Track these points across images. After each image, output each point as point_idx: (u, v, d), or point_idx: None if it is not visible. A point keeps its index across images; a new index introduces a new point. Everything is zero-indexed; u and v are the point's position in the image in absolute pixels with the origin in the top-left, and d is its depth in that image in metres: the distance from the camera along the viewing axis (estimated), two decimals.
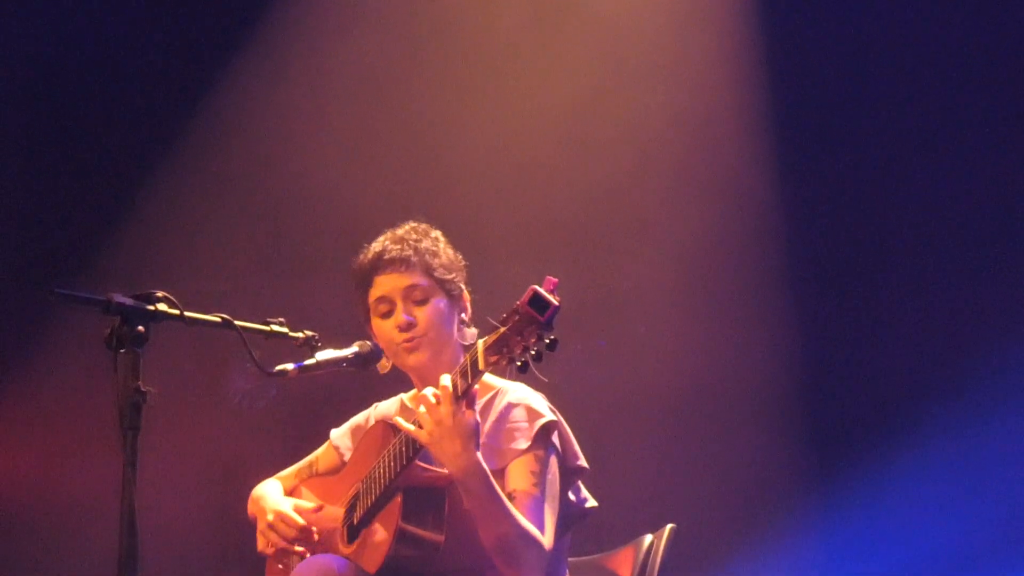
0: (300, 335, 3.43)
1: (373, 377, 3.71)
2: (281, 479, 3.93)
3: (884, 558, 5.48)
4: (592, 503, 3.64)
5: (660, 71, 5.76)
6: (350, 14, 5.89)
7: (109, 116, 5.97)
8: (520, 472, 3.47)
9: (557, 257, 5.60)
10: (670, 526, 3.80)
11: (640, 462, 5.64)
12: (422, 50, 5.88)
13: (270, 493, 3.82)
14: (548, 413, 3.55)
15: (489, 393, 3.62)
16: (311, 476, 3.90)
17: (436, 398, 3.28)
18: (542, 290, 3.09)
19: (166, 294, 3.09)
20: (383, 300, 3.66)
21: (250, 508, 3.88)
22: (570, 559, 3.71)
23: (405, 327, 3.62)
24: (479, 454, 3.29)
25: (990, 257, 5.58)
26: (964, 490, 5.43)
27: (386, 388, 3.90)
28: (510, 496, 3.42)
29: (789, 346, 5.68)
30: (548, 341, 3.09)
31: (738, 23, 5.72)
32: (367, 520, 3.51)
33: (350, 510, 3.62)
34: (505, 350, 3.13)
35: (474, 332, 3.63)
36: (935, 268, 5.60)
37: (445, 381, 3.28)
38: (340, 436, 3.91)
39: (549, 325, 3.08)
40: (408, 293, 3.64)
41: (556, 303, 3.08)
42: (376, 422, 3.75)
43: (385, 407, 3.88)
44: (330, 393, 5.00)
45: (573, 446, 3.59)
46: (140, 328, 2.98)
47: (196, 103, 5.91)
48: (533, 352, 3.09)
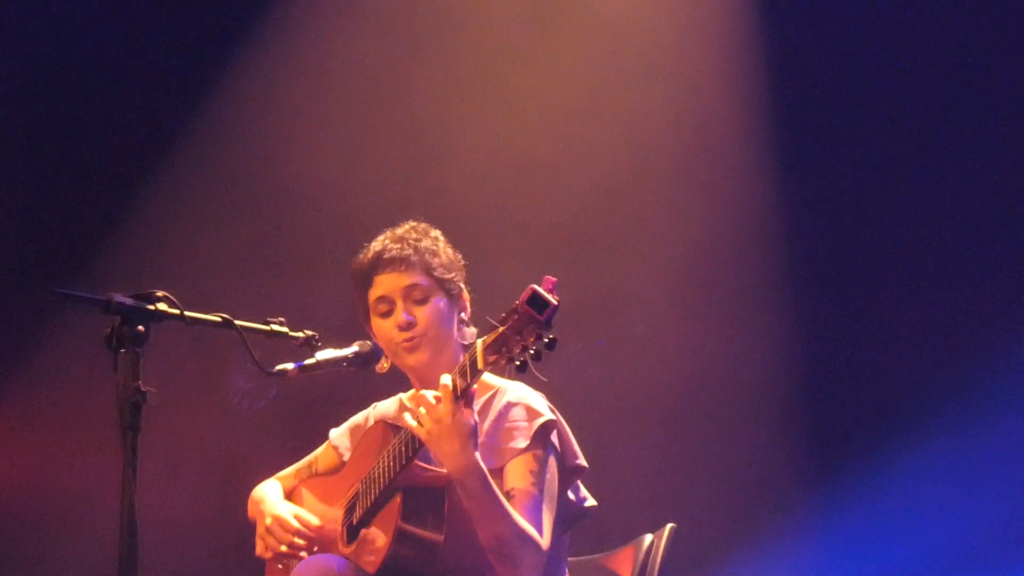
0: (300, 335, 3.43)
1: (372, 377, 3.71)
2: (280, 479, 3.92)
3: (884, 558, 5.48)
4: (591, 502, 3.64)
5: (660, 71, 5.76)
6: (350, 14, 5.89)
7: (109, 116, 5.98)
8: (519, 471, 3.47)
9: (557, 257, 5.60)
10: (670, 526, 3.80)
11: (640, 462, 5.64)
12: (422, 50, 5.89)
13: (270, 496, 3.81)
14: (547, 412, 3.55)
15: (488, 392, 3.61)
16: (310, 476, 3.90)
17: (436, 398, 3.28)
18: (541, 289, 3.09)
19: (166, 294, 3.08)
20: (383, 299, 3.66)
21: (250, 510, 3.87)
22: (570, 559, 3.71)
23: (405, 326, 3.61)
24: (477, 454, 3.29)
25: (990, 257, 5.58)
26: (964, 490, 5.43)
27: (385, 388, 3.90)
28: (508, 495, 3.42)
29: (789, 346, 5.67)
30: (547, 340, 3.09)
31: (738, 23, 5.73)
32: (366, 520, 3.51)
33: (349, 510, 3.62)
34: (504, 349, 3.12)
35: (474, 332, 3.63)
36: (935, 268, 5.60)
37: (445, 380, 3.28)
38: (339, 436, 3.90)
39: (548, 324, 3.08)
40: (408, 292, 3.64)
41: (555, 302, 3.07)
42: (375, 422, 3.75)
43: (384, 407, 3.88)
44: (330, 393, 5.00)
45: (572, 445, 3.59)
46: (140, 328, 2.98)
47: (196, 103, 5.91)
48: (532, 351, 3.09)
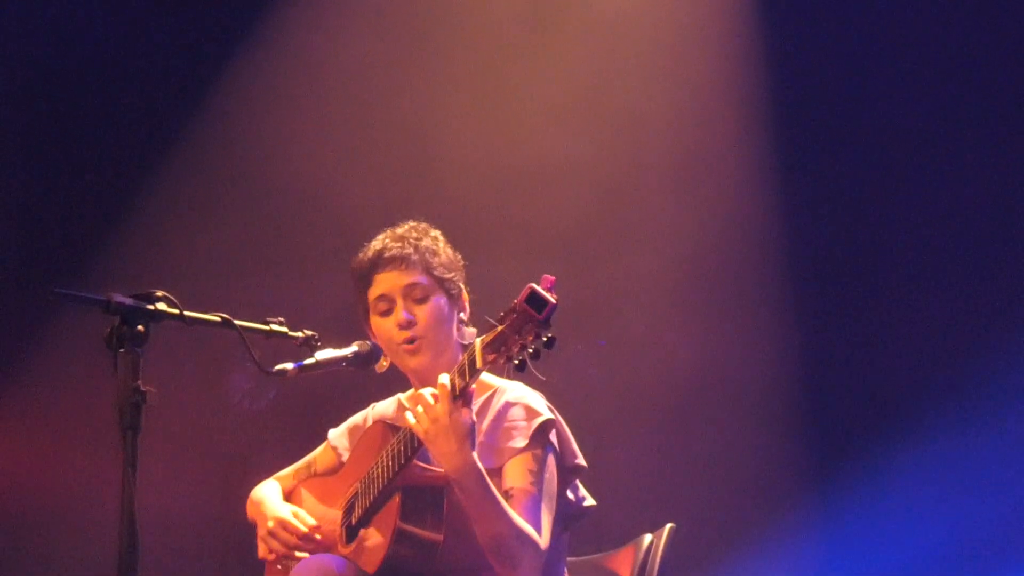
0: (300, 335, 3.43)
1: (372, 377, 3.71)
2: (279, 480, 3.92)
3: (884, 558, 5.48)
4: (590, 502, 3.64)
5: (660, 71, 5.75)
6: (349, 13, 5.89)
7: (109, 116, 5.97)
8: (517, 470, 3.47)
9: (557, 257, 5.59)
10: (670, 526, 3.80)
11: (640, 462, 5.63)
12: (421, 49, 5.88)
13: (269, 497, 3.81)
14: (546, 412, 3.55)
15: (487, 392, 3.61)
16: (309, 477, 3.90)
17: (433, 396, 3.28)
18: (539, 288, 3.09)
19: (166, 294, 3.08)
20: (383, 298, 3.66)
21: (249, 511, 3.87)
22: (569, 559, 3.71)
23: (405, 325, 3.61)
24: (475, 453, 3.28)
25: (990, 257, 5.57)
26: (964, 490, 5.42)
27: (385, 388, 3.90)
28: (507, 494, 3.42)
29: (789, 346, 5.67)
30: (546, 339, 3.09)
31: (738, 23, 5.72)
32: (366, 520, 3.51)
33: (348, 510, 3.62)
34: (503, 348, 3.12)
35: (473, 331, 3.62)
36: (935, 268, 5.60)
37: (443, 380, 3.28)
38: (338, 436, 3.90)
39: (547, 323, 3.08)
40: (408, 291, 3.64)
41: (554, 301, 3.07)
42: (374, 422, 3.75)
43: (383, 407, 3.88)
44: (330, 393, 5.00)
45: (571, 445, 3.59)
46: (140, 328, 2.98)
47: (196, 103, 5.91)
48: (531, 350, 3.09)
